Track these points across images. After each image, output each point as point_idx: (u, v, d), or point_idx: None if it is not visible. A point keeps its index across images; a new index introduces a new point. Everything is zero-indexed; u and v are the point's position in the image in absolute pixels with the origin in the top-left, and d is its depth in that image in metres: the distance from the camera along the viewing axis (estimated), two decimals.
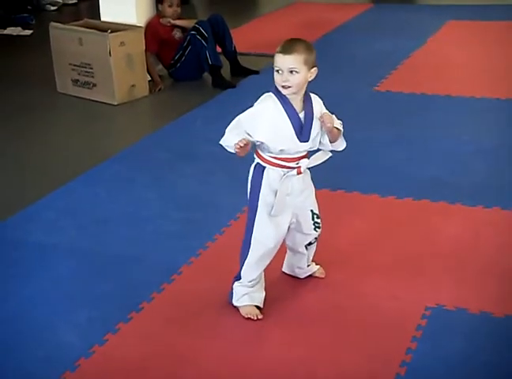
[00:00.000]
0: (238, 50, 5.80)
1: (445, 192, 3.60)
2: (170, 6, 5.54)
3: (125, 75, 5.20)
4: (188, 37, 5.53)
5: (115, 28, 5.25)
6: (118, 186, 3.85)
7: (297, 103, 2.51)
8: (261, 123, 2.48)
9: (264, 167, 2.55)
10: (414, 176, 3.82)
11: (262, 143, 2.51)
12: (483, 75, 5.58)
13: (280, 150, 2.51)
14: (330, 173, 3.82)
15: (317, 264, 2.90)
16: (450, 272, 2.94)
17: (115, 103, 5.20)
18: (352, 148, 4.18)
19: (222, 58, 5.67)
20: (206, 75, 5.67)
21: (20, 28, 7.81)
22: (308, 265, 2.86)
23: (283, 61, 2.44)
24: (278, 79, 2.46)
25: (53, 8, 8.81)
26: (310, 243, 2.78)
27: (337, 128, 2.56)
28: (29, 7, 8.63)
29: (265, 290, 2.73)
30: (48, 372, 2.42)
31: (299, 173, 2.55)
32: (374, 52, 6.25)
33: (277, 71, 2.46)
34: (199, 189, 3.77)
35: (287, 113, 2.49)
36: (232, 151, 2.52)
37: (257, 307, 2.68)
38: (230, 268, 2.92)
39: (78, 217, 3.52)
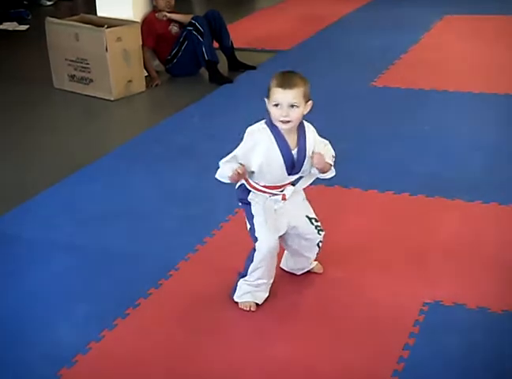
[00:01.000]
0: (235, 46, 5.79)
1: (443, 187, 3.60)
2: None
3: (121, 70, 5.19)
4: (184, 33, 5.52)
5: (112, 23, 5.23)
6: (115, 182, 3.84)
7: (291, 137, 2.50)
8: (255, 156, 2.49)
9: (249, 190, 2.60)
10: (412, 171, 3.81)
11: (253, 172, 2.54)
12: (481, 70, 5.58)
13: (266, 180, 2.54)
14: None
15: (315, 260, 2.89)
16: (448, 267, 2.94)
17: (112, 99, 5.18)
18: (349, 144, 4.23)
19: (219, 53, 5.66)
20: (203, 70, 5.65)
21: (16, 23, 7.79)
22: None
23: (284, 96, 2.40)
24: (277, 114, 2.43)
25: (49, 3, 8.79)
26: (318, 246, 2.77)
27: (329, 163, 2.54)
28: (25, 2, 8.62)
29: None
30: (45, 368, 2.41)
31: (283, 199, 2.58)
32: (372, 47, 6.24)
33: (276, 105, 2.42)
34: (197, 184, 3.76)
35: (280, 149, 2.48)
36: (228, 181, 2.55)
37: (256, 304, 2.68)
38: (228, 263, 2.92)
39: (75, 213, 3.51)
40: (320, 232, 2.73)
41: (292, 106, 2.41)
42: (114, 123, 5.00)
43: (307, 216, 2.69)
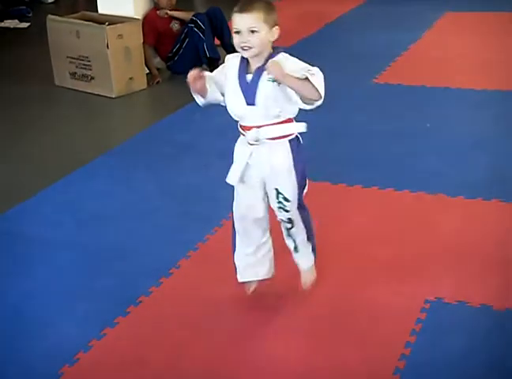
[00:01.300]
0: None
1: (445, 184, 3.59)
2: None
3: (123, 68, 5.18)
4: (185, 30, 5.51)
5: (113, 20, 5.23)
6: (116, 179, 3.84)
7: (257, 64, 2.35)
8: (225, 80, 2.42)
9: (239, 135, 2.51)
10: (414, 169, 3.80)
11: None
12: (483, 67, 5.56)
13: (235, 115, 2.44)
14: (330, 166, 3.83)
15: (306, 271, 2.74)
16: (450, 265, 2.93)
17: (113, 96, 5.18)
18: (351, 141, 4.23)
19: (220, 50, 5.65)
20: (204, 67, 5.64)
21: (17, 21, 7.78)
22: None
23: (241, 20, 2.29)
24: (237, 40, 2.31)
25: (50, 0, 8.78)
26: (285, 226, 2.60)
27: (295, 76, 2.28)
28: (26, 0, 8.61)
29: (266, 284, 2.72)
30: (47, 366, 2.41)
31: (251, 143, 2.43)
32: (373, 44, 6.23)
33: (236, 32, 2.30)
34: (198, 181, 3.75)
35: (238, 74, 2.38)
36: (199, 101, 2.48)
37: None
38: (229, 261, 2.90)
39: (76, 211, 3.50)
40: (281, 210, 2.52)
41: (252, 31, 2.28)
42: (116, 121, 5.00)
43: (277, 189, 2.49)
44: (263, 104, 2.35)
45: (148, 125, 4.61)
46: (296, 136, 2.46)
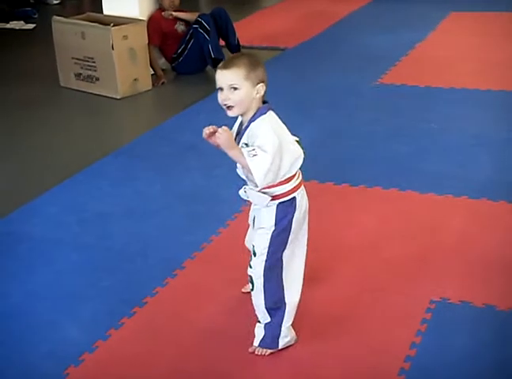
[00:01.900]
0: (241, 43, 5.78)
1: (450, 185, 3.59)
2: None
3: (128, 69, 5.19)
4: (190, 30, 5.51)
5: (118, 21, 5.24)
6: (121, 180, 3.84)
7: (243, 126, 2.31)
8: None
9: None
10: (419, 169, 3.80)
11: None
12: (488, 67, 5.55)
13: None
14: (334, 166, 3.83)
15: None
16: (455, 265, 2.93)
17: (118, 97, 5.19)
18: (355, 141, 4.23)
19: (225, 51, 5.65)
20: (209, 68, 5.65)
21: (22, 22, 7.80)
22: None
23: (222, 77, 2.23)
24: (219, 98, 2.25)
25: (55, 1, 8.80)
26: (249, 280, 2.40)
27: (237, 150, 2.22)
28: (32, 1, 8.63)
29: None
30: (52, 367, 2.42)
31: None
32: (378, 45, 6.23)
33: (219, 88, 2.25)
34: (203, 182, 3.76)
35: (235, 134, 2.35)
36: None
37: None
38: (234, 261, 2.91)
39: (82, 211, 3.51)
40: (249, 268, 2.38)
41: (232, 88, 2.22)
42: (121, 121, 5.00)
43: (253, 245, 2.38)
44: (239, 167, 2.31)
45: (153, 126, 4.62)
46: (293, 197, 2.31)
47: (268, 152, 2.19)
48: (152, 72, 5.51)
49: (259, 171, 2.20)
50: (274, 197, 2.29)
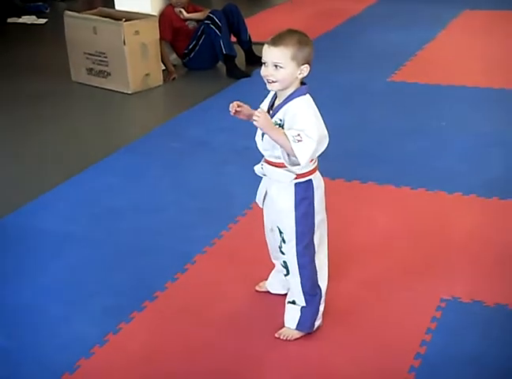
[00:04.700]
0: (252, 40, 5.77)
1: (460, 183, 3.58)
2: None
3: (139, 64, 5.20)
4: (202, 27, 5.51)
5: (130, 16, 5.24)
6: (131, 176, 3.85)
7: (280, 101, 2.31)
8: None
9: None
10: (429, 167, 3.79)
11: None
12: (501, 65, 5.53)
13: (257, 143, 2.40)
14: (345, 163, 3.82)
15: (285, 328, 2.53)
16: (466, 263, 2.93)
17: (129, 92, 5.19)
18: (367, 139, 4.22)
19: (236, 47, 5.65)
20: (220, 64, 5.65)
21: (34, 17, 7.82)
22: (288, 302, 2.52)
23: (268, 53, 2.24)
24: (262, 72, 2.26)
25: None
26: (283, 265, 2.45)
27: (280, 133, 2.21)
28: None
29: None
30: (63, 359, 2.43)
31: (262, 173, 2.40)
32: (389, 42, 6.21)
33: (263, 63, 2.26)
34: (213, 178, 3.76)
35: (268, 107, 2.36)
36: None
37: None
38: (244, 256, 2.92)
39: (92, 206, 3.52)
40: (281, 254, 2.42)
41: (276, 66, 2.22)
42: (131, 117, 5.02)
43: (278, 227, 2.40)
44: (268, 142, 2.30)
45: (164, 122, 4.63)
46: (309, 179, 2.34)
47: (313, 139, 2.21)
48: (164, 67, 5.52)
49: (304, 156, 2.21)
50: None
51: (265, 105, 2.40)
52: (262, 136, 2.34)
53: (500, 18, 6.93)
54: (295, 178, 2.31)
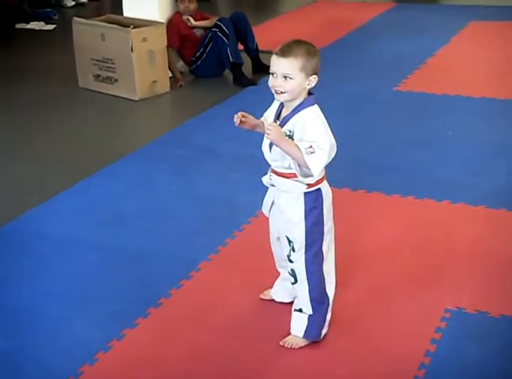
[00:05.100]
0: (259, 48, 5.79)
1: (466, 193, 3.57)
2: (181, 2, 5.55)
3: (146, 71, 5.21)
4: (209, 34, 5.53)
5: (138, 23, 5.26)
6: (137, 182, 3.86)
7: (287, 111, 2.31)
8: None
9: None
10: (435, 177, 3.79)
11: None
12: (507, 76, 5.52)
13: (264, 154, 2.40)
14: (351, 172, 3.82)
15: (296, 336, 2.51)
16: (471, 274, 2.92)
17: (136, 99, 5.21)
18: (373, 148, 4.22)
19: (243, 55, 5.66)
20: (227, 72, 5.66)
21: (43, 23, 7.86)
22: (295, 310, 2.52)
23: (277, 64, 2.24)
24: (271, 82, 2.26)
25: (69, 4, 8.80)
26: (290, 273, 2.45)
27: (298, 147, 2.20)
28: (53, 1, 8.68)
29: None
30: (67, 365, 2.43)
31: (271, 184, 2.40)
32: (396, 52, 6.22)
33: (272, 74, 2.26)
34: (219, 186, 3.76)
35: (274, 118, 2.36)
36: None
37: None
38: (249, 264, 2.92)
39: (98, 212, 3.52)
40: (289, 262, 2.41)
41: (285, 77, 2.22)
42: (138, 123, 5.03)
43: (287, 237, 2.40)
44: (277, 153, 2.30)
45: (171, 129, 4.64)
46: (318, 188, 2.34)
47: (325, 150, 2.22)
48: (171, 74, 5.53)
49: (317, 167, 2.22)
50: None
51: (269, 114, 2.40)
52: (270, 147, 2.33)
53: (506, 29, 6.93)
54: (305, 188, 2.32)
